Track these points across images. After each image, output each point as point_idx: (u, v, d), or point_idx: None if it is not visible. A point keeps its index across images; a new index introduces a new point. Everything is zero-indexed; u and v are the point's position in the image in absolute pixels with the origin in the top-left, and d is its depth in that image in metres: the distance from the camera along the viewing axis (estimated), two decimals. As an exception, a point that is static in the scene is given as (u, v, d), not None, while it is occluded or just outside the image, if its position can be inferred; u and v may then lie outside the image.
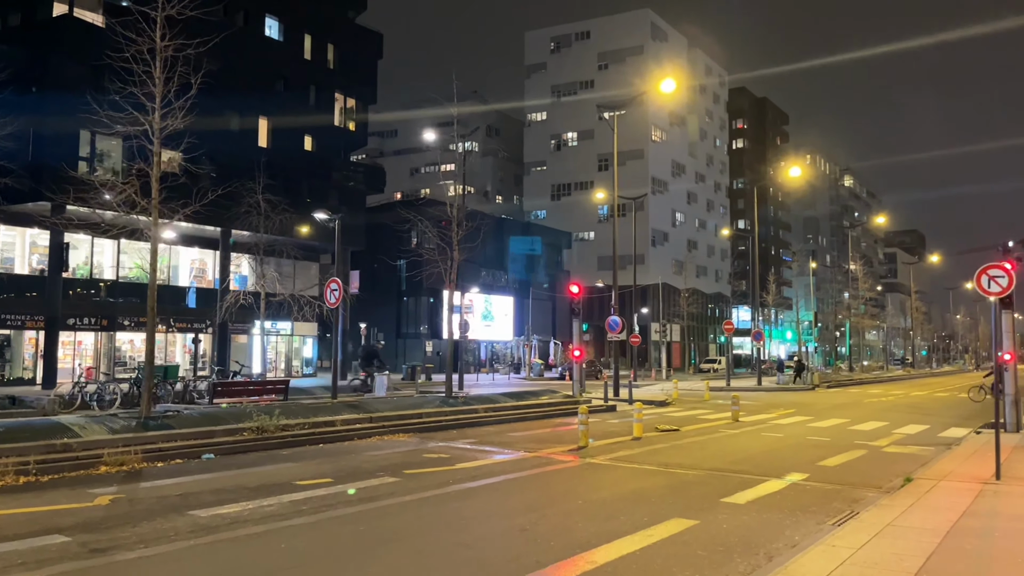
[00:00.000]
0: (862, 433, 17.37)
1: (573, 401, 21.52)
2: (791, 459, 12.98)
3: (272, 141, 40.15)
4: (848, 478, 11.02)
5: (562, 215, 77.66)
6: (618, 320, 25.70)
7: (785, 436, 16.58)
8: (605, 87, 77.60)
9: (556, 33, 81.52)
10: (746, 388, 36.77)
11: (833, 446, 14.85)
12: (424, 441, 14.13)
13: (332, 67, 43.12)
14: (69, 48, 31.99)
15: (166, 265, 38.13)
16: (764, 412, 22.79)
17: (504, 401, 19.40)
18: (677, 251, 79.75)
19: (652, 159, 76.50)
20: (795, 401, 28.40)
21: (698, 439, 15.66)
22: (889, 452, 14.24)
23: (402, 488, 9.40)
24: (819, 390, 37.42)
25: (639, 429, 15.62)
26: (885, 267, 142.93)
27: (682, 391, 33.73)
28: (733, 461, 12.47)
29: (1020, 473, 10.50)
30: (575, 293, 23.02)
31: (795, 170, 44.96)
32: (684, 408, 23.94)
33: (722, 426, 18.48)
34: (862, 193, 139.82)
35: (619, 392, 25.86)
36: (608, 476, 10.94)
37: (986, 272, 9.77)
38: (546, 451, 13.13)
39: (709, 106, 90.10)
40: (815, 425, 19.13)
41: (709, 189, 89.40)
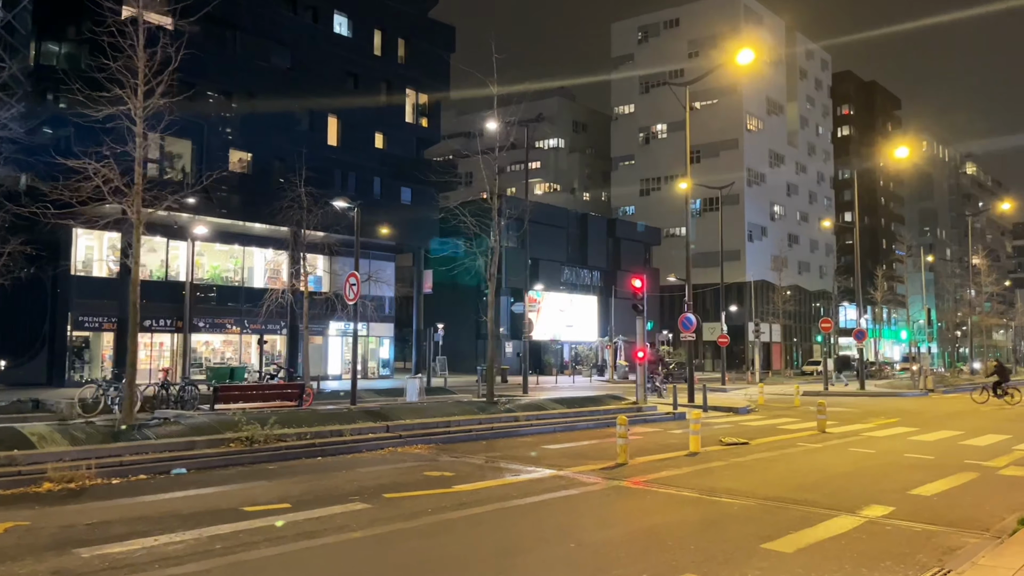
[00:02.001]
0: (975, 450, 14.49)
1: (636, 408, 19.39)
2: (877, 484, 10.52)
3: (342, 139, 39.67)
4: (946, 513, 8.58)
5: (651, 210, 74.70)
6: (692, 318, 23.31)
7: (877, 452, 13.95)
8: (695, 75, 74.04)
9: (643, 23, 78.57)
10: (847, 393, 33.36)
11: (935, 467, 12.21)
12: (440, 455, 12.47)
13: (403, 62, 42.34)
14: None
15: (240, 266, 38.25)
16: (860, 421, 19.91)
17: (554, 408, 17.51)
18: (776, 246, 75.11)
19: (747, 149, 72.42)
20: (901, 408, 25.10)
21: (767, 455, 13.30)
22: (1007, 476, 11.50)
23: (365, 518, 7.75)
24: (933, 395, 33.50)
25: (696, 443, 13.42)
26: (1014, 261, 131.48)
27: (774, 395, 30.79)
28: (800, 486, 10.16)
29: None
30: (637, 288, 20.86)
31: (902, 150, 40.79)
32: (767, 416, 21.32)
33: (804, 438, 15.94)
34: (986, 181, 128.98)
35: (693, 398, 23.42)
36: (630, 505, 8.93)
37: None
38: (575, 469, 11.20)
39: (810, 92, 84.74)
40: (918, 439, 16.27)
41: (811, 180, 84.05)
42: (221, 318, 37.00)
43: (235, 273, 38.32)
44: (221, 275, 37.86)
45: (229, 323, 37.15)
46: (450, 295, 51.63)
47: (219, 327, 36.96)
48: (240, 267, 38.36)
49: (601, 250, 61.81)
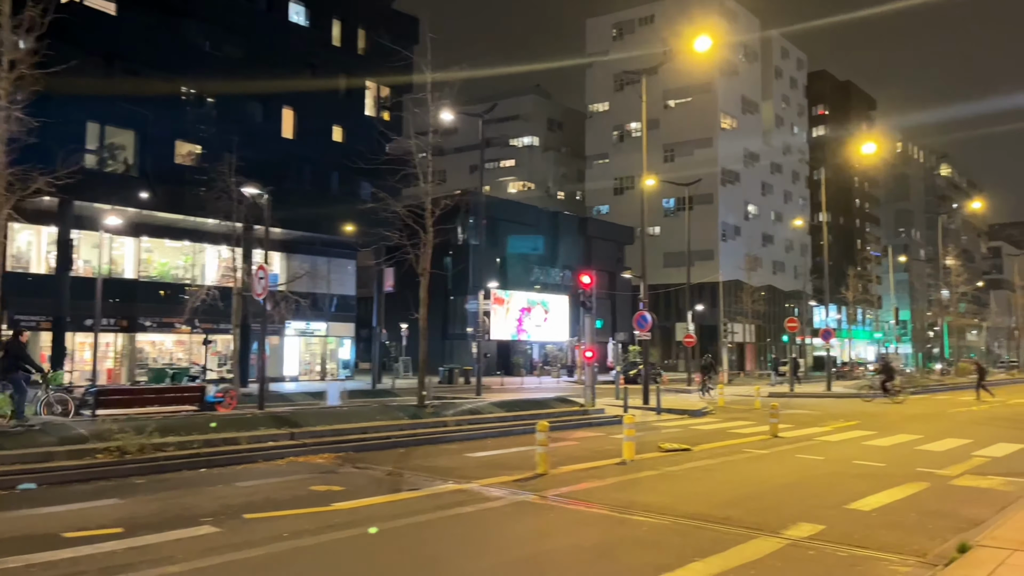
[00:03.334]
0: (931, 456, 13.56)
1: (583, 411, 18.34)
2: (815, 497, 9.53)
3: (298, 132, 38.38)
4: (881, 533, 7.57)
5: (625, 209, 73.75)
6: (648, 317, 22.32)
7: (826, 460, 12.98)
8: (671, 73, 73.31)
9: (618, 19, 77.76)
10: (813, 394, 32.55)
11: (884, 476, 11.25)
12: (343, 465, 11.33)
13: (363, 54, 41.09)
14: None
15: (191, 263, 36.83)
16: (818, 425, 18.99)
17: (492, 412, 16.42)
18: (750, 246, 74.56)
19: (722, 148, 71.75)
20: (864, 411, 24.25)
21: (705, 464, 12.27)
22: (959, 487, 10.54)
23: (200, 546, 6.61)
24: (900, 396, 32.71)
25: (629, 450, 12.36)
26: (989, 262, 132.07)
27: (737, 397, 29.90)
28: (728, 501, 9.13)
29: None
30: (586, 284, 19.82)
31: (869, 146, 40.21)
32: (723, 419, 20.35)
33: (752, 444, 14.95)
34: (961, 182, 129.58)
35: (648, 399, 22.42)
36: (524, 526, 7.85)
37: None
38: (485, 481, 10.11)
39: (786, 91, 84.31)
40: (874, 443, 15.34)
41: (787, 179, 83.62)
42: (170, 317, 35.52)
43: (186, 271, 36.87)
44: (171, 272, 36.40)
45: (179, 322, 35.68)
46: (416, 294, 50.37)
47: (168, 327, 35.47)
48: (191, 264, 36.92)
49: (573, 249, 60.83)
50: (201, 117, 34.66)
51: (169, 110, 33.22)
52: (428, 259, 16.11)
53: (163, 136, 33.37)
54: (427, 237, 16.07)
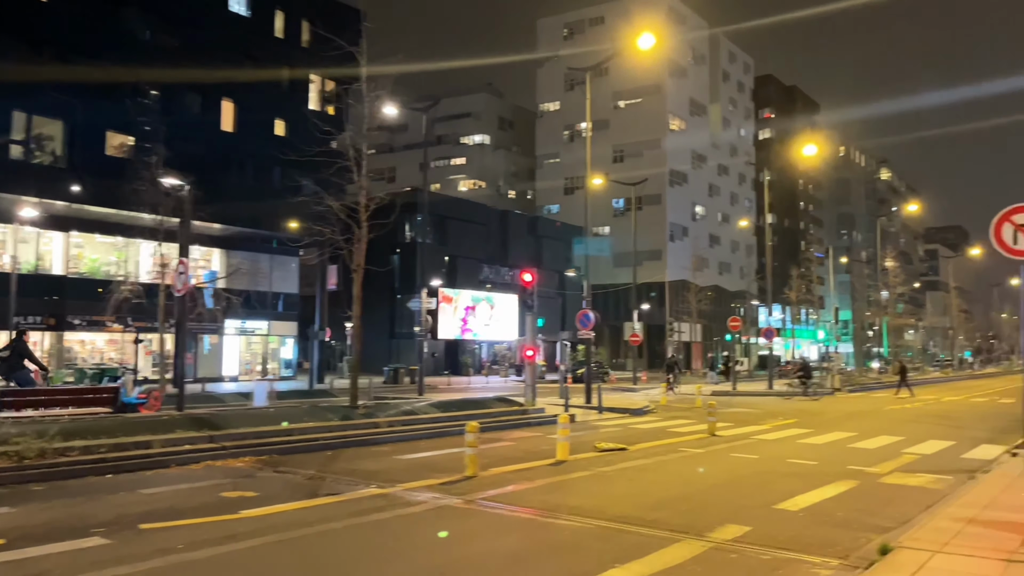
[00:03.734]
0: (863, 454, 13.65)
1: (523, 411, 18.07)
2: (744, 498, 9.40)
3: (238, 125, 37.34)
4: (806, 534, 7.44)
5: (576, 209, 73.82)
6: (590, 316, 22.19)
7: (760, 458, 12.94)
8: (620, 74, 73.80)
9: (569, 20, 77.93)
10: (755, 393, 32.91)
11: (815, 474, 11.22)
12: (262, 469, 10.84)
13: (307, 47, 40.18)
14: None
15: (124, 259, 35.48)
16: (757, 423, 19.08)
17: (429, 413, 16.02)
18: (698, 246, 75.46)
19: (670, 149, 72.39)
20: (803, 409, 24.54)
21: (639, 463, 12.10)
22: (888, 484, 10.56)
23: (83, 561, 6.11)
24: (838, 395, 33.36)
25: (564, 450, 12.13)
26: (926, 264, 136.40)
27: (680, 395, 30.04)
28: (657, 503, 8.93)
29: (1069, 536, 6.80)
30: (527, 282, 19.57)
31: (810, 148, 40.92)
32: (663, 418, 20.31)
33: (689, 443, 14.87)
34: (900, 187, 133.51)
35: (591, 399, 22.28)
36: (439, 531, 7.49)
37: (1010, 219, 6.12)
38: (410, 485, 9.73)
39: (733, 94, 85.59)
40: (808, 442, 15.42)
41: (733, 181, 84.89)
42: (101, 315, 34.16)
43: (118, 267, 35.50)
44: (102, 269, 35.02)
45: (109, 321, 34.33)
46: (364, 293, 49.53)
47: (98, 325, 34.11)
48: (124, 260, 35.56)
49: (522, 248, 60.64)
50: (135, 108, 33.40)
51: (101, 100, 31.91)
52: (362, 255, 15.63)
53: (94, 127, 32.10)
54: (361, 232, 15.60)
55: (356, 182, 15.77)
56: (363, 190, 15.78)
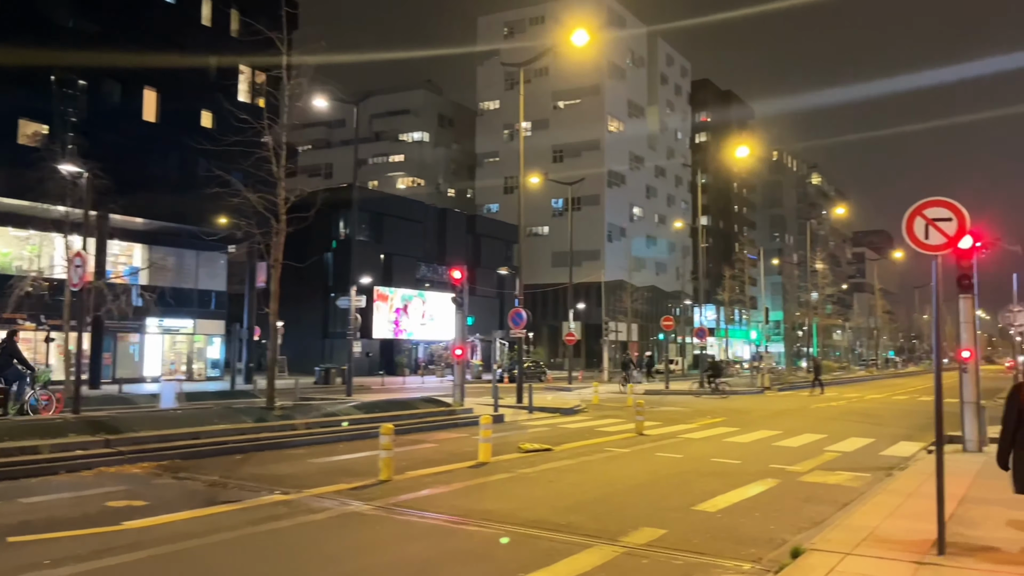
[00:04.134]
0: (786, 452, 13.69)
1: (450, 412, 17.66)
2: (664, 499, 9.20)
3: (162, 115, 35.85)
4: (723, 536, 7.25)
5: (515, 208, 73.67)
6: (523, 314, 21.92)
7: (685, 457, 12.83)
8: (560, 75, 74.02)
9: (510, 18, 77.77)
10: (687, 391, 33.18)
11: (738, 473, 11.14)
12: (162, 475, 10.18)
13: (237, 36, 38.86)
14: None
15: (36, 254, 33.66)
16: (685, 422, 19.08)
17: (351, 414, 15.47)
18: (635, 247, 76.30)
19: (608, 150, 72.93)
20: (732, 407, 24.77)
21: (563, 464, 11.83)
22: (807, 483, 10.53)
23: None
24: (768, 393, 33.95)
25: (486, 452, 11.77)
26: (854, 267, 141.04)
27: (613, 395, 30.04)
28: (575, 505, 8.65)
29: (978, 535, 6.78)
30: (457, 279, 19.17)
31: (742, 149, 41.60)
32: (594, 417, 20.17)
33: (616, 442, 14.70)
34: (830, 191, 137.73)
35: (522, 398, 22.00)
36: (344, 541, 7.06)
37: (921, 213, 6.01)
38: (320, 490, 9.24)
39: (670, 97, 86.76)
40: (734, 440, 15.44)
41: (670, 183, 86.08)
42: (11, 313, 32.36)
43: (31, 262, 33.66)
44: (13, 264, 33.16)
45: (20, 319, 32.51)
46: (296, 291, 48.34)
47: (8, 322, 32.23)
48: (37, 255, 33.74)
49: (461, 247, 60.18)
50: (50, 95, 31.72)
51: (12, 86, 30.20)
52: (280, 250, 14.98)
53: (5, 114, 30.33)
54: (280, 226, 14.95)
55: (275, 174, 15.09)
56: (281, 182, 15.13)
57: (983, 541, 6.61)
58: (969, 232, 12.39)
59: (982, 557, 6.00)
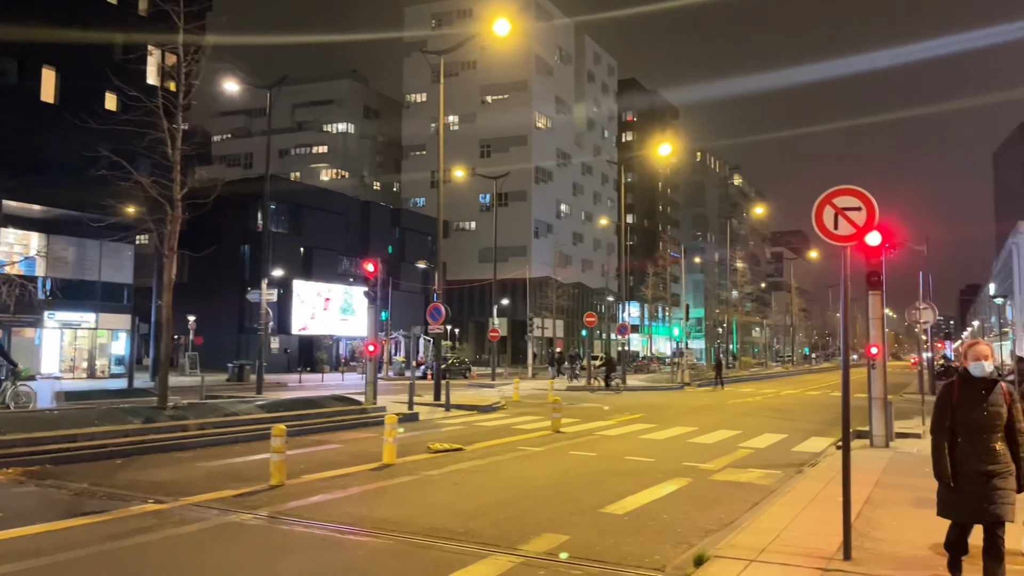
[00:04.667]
0: (701, 449, 13.56)
1: (361, 410, 16.93)
2: (572, 501, 8.80)
3: (62, 97, 33.68)
4: (626, 542, 6.88)
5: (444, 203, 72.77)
6: (441, 309, 21.32)
7: (599, 456, 12.52)
8: (488, 69, 73.56)
9: (437, 9, 76.78)
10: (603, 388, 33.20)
11: (650, 472, 10.87)
12: (23, 483, 9.24)
13: (146, 15, 36.87)
14: None
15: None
16: (604, 418, 18.88)
17: (252, 414, 14.59)
18: (562, 244, 76.46)
19: (536, 146, 72.89)
20: (652, 403, 24.81)
21: (472, 465, 11.33)
22: (718, 482, 10.33)
23: None
24: (688, 389, 34.33)
25: (390, 453, 11.17)
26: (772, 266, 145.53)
27: (536, 391, 29.75)
28: (477, 510, 8.16)
29: (884, 538, 6.59)
30: (370, 272, 18.44)
31: (665, 147, 42.04)
32: (512, 414, 19.76)
33: (531, 440, 14.31)
34: (750, 192, 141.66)
35: (440, 395, 21.42)
36: (213, 556, 6.37)
37: (831, 202, 5.75)
38: (202, 498, 8.48)
39: (598, 96, 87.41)
40: (650, 437, 15.26)
41: (597, 181, 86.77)
42: None
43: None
44: None
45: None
46: (211, 285, 46.46)
47: None
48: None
49: (385, 241, 59.06)
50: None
51: None
52: (175, 239, 13.99)
53: None
54: (175, 213, 13.95)
55: (170, 158, 14.09)
56: (176, 166, 14.14)
57: (889, 545, 6.43)
58: (877, 228, 12.50)
59: (887, 562, 5.80)
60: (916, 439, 14.32)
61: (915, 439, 14.31)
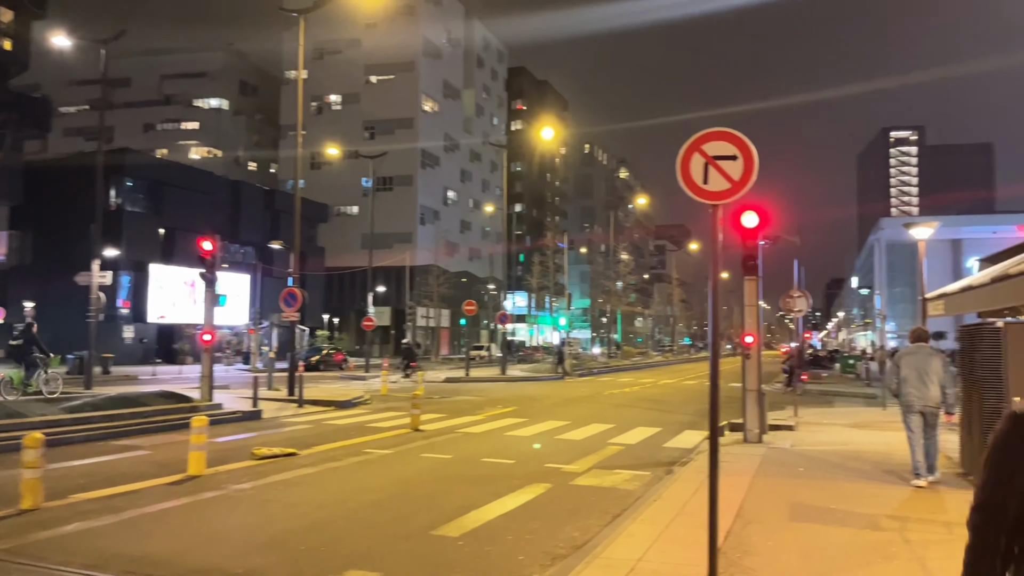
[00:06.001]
0: (569, 446, 12.40)
1: (192, 408, 14.82)
2: (402, 519, 7.33)
3: None
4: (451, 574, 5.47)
5: (322, 185, 69.72)
6: (296, 295, 19.34)
7: (454, 458, 11.11)
8: (374, 48, 70.72)
9: (319, -18, 73.04)
10: (488, 378, 32.07)
11: (508, 477, 9.55)
12: None
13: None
14: None
15: None
16: (473, 413, 17.52)
17: (47, 415, 12.29)
18: (449, 231, 74.89)
19: (423, 130, 70.76)
20: (529, 395, 23.73)
21: (301, 474, 9.65)
22: (580, 487, 9.13)
23: None
24: (568, 379, 33.61)
25: (198, 462, 9.33)
26: (655, 258, 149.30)
27: (409, 383, 28.12)
28: (275, 537, 6.54)
29: (757, 564, 5.48)
30: (206, 251, 16.28)
31: (547, 131, 41.23)
32: (375, 410, 18.10)
33: (384, 441, 12.74)
34: (636, 185, 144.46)
35: (294, 390, 19.44)
36: None
37: (700, 148, 4.51)
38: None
39: (487, 82, 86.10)
40: (518, 434, 14.01)
41: (485, 169, 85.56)
42: None
43: None
44: None
45: None
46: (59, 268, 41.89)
47: None
48: None
49: (258, 224, 55.57)
50: None
51: None
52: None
53: None
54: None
55: None
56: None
57: (762, 570, 5.32)
58: (754, 209, 11.66)
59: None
60: (789, 431, 13.80)
61: (788, 431, 13.79)
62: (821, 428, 14.50)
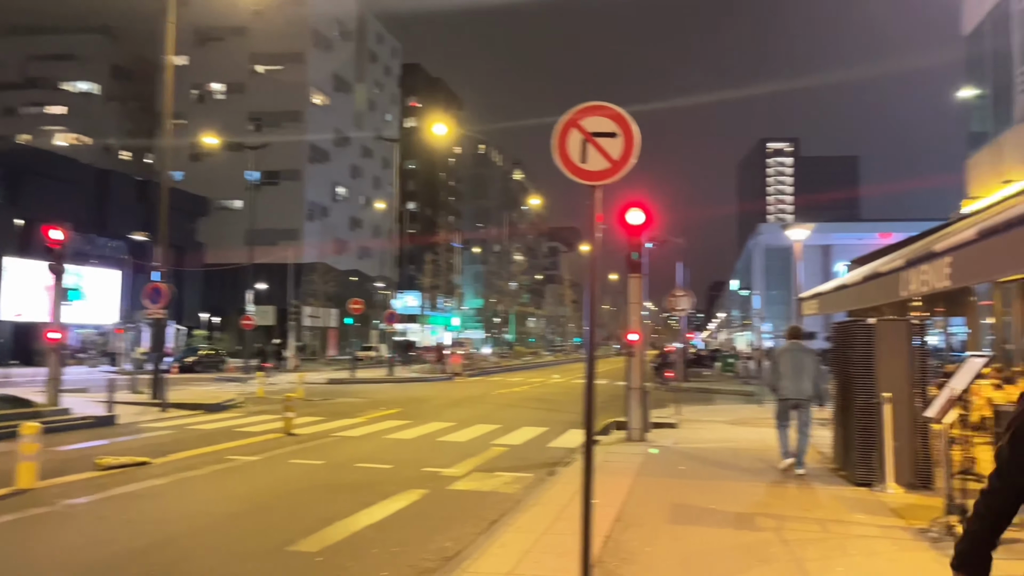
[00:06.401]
0: (451, 449, 11.91)
1: (34, 414, 13.35)
2: (257, 535, 6.63)
3: None
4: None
5: (203, 178, 66.20)
6: (161, 290, 17.94)
7: (326, 464, 10.40)
8: (261, 36, 67.90)
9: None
10: (375, 379, 31.14)
11: (383, 483, 8.96)
12: None
13: None
14: None
15: None
16: (353, 415, 16.74)
17: None
18: (338, 229, 72.90)
19: (311, 124, 68.50)
20: (415, 395, 23.07)
21: (149, 486, 8.71)
22: (458, 492, 8.67)
23: None
24: (458, 380, 33.12)
25: (28, 474, 8.26)
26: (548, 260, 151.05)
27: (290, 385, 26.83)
28: (100, 562, 5.73)
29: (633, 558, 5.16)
30: (54, 241, 14.78)
31: (440, 127, 40.65)
32: (246, 413, 17.00)
33: (250, 447, 11.83)
34: (530, 186, 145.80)
35: (158, 392, 18.01)
36: None
37: (578, 123, 4.13)
38: None
39: (380, 77, 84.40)
40: (398, 436, 13.40)
41: (377, 165, 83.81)
42: None
43: None
44: None
45: None
46: None
47: None
48: None
49: (130, 216, 52.18)
50: None
51: None
52: None
53: None
54: None
55: None
56: None
57: (639, 579, 5.01)
58: (639, 206, 11.56)
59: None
60: (671, 429, 13.87)
61: (670, 429, 13.85)
62: (702, 425, 14.65)
